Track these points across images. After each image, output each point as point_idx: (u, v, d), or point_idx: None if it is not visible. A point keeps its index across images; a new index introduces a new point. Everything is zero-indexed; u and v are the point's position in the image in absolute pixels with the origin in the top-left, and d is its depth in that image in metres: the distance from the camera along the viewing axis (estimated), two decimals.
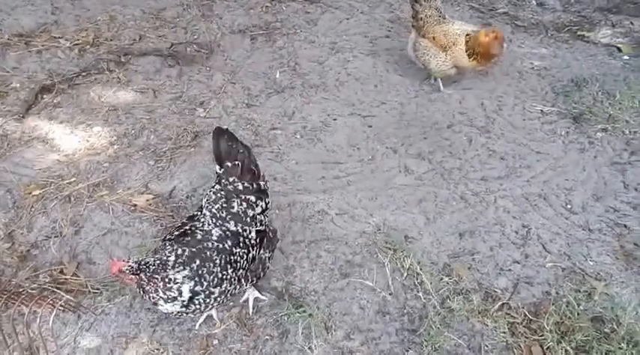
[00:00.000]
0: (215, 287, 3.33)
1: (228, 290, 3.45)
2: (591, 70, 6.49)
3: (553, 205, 4.89)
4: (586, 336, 3.85)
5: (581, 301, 4.10)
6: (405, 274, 4.27)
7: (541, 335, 3.89)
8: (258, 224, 3.68)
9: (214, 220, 3.54)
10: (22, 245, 4.43)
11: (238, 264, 3.46)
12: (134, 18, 7.08)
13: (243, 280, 3.56)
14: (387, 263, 4.32)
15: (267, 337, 3.86)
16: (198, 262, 3.28)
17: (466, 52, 5.55)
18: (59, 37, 6.58)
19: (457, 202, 4.90)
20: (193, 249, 3.33)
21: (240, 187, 3.63)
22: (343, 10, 7.52)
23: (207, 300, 3.34)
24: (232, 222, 3.55)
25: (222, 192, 3.63)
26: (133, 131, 5.45)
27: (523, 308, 4.08)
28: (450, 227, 4.69)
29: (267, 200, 3.82)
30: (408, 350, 3.82)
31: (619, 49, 6.94)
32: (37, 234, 4.51)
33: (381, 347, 3.84)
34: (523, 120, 5.78)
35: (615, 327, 3.93)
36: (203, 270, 3.27)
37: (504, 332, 3.91)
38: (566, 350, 3.78)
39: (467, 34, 5.59)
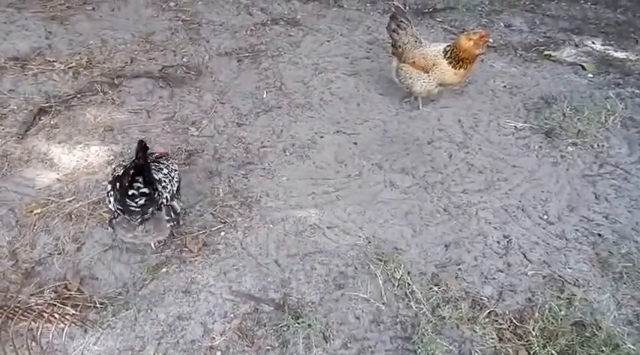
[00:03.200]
0: None
1: None
2: (559, 88, 6.57)
3: (531, 216, 4.92)
4: (569, 341, 3.86)
5: (563, 307, 4.11)
6: (397, 284, 4.26)
7: (527, 341, 3.89)
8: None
9: None
10: (26, 262, 4.32)
11: None
12: (125, 42, 7.01)
13: None
14: (379, 274, 4.30)
15: (268, 347, 3.82)
16: None
17: (450, 64, 5.55)
18: (54, 61, 6.48)
19: (441, 214, 4.91)
20: None
21: None
22: (324, 32, 7.54)
23: None
24: None
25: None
26: (129, 150, 5.35)
27: (509, 314, 4.09)
28: (435, 238, 4.69)
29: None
30: None
31: (583, 68, 7.03)
32: (40, 252, 4.41)
33: None
34: (498, 136, 5.81)
35: (595, 331, 3.95)
36: None
37: (493, 338, 3.91)
38: (551, 354, 3.79)
39: (445, 49, 5.61)
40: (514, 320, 4.05)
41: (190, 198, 4.92)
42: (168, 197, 4.07)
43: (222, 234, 4.62)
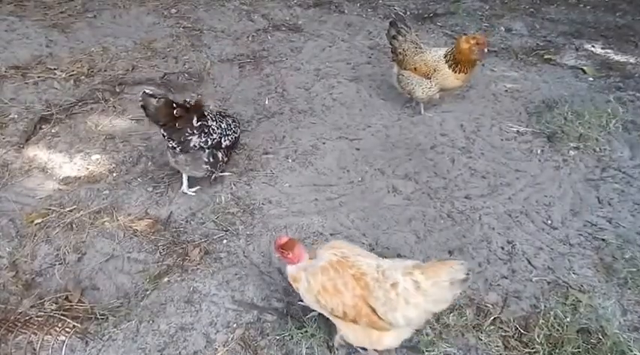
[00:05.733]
0: None
1: None
2: (560, 92, 6.49)
3: (534, 221, 4.83)
4: (576, 348, 3.76)
5: (568, 313, 4.01)
6: None
7: (532, 348, 3.78)
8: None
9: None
10: (27, 273, 4.24)
11: None
12: (126, 49, 6.96)
13: None
14: None
15: None
16: None
17: (450, 67, 5.48)
18: (54, 69, 6.44)
19: (444, 220, 4.81)
20: None
21: None
22: (325, 38, 7.48)
23: None
24: None
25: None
26: (130, 158, 5.30)
27: (514, 321, 3.98)
28: (439, 244, 4.59)
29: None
30: None
31: (583, 71, 6.96)
32: (40, 262, 4.33)
33: None
34: (501, 140, 5.73)
35: (601, 338, 3.84)
36: None
37: (498, 346, 3.80)
38: None
39: (446, 54, 5.54)
40: (519, 328, 3.94)
41: (193, 205, 4.86)
42: (211, 144, 4.67)
43: (225, 242, 4.54)
